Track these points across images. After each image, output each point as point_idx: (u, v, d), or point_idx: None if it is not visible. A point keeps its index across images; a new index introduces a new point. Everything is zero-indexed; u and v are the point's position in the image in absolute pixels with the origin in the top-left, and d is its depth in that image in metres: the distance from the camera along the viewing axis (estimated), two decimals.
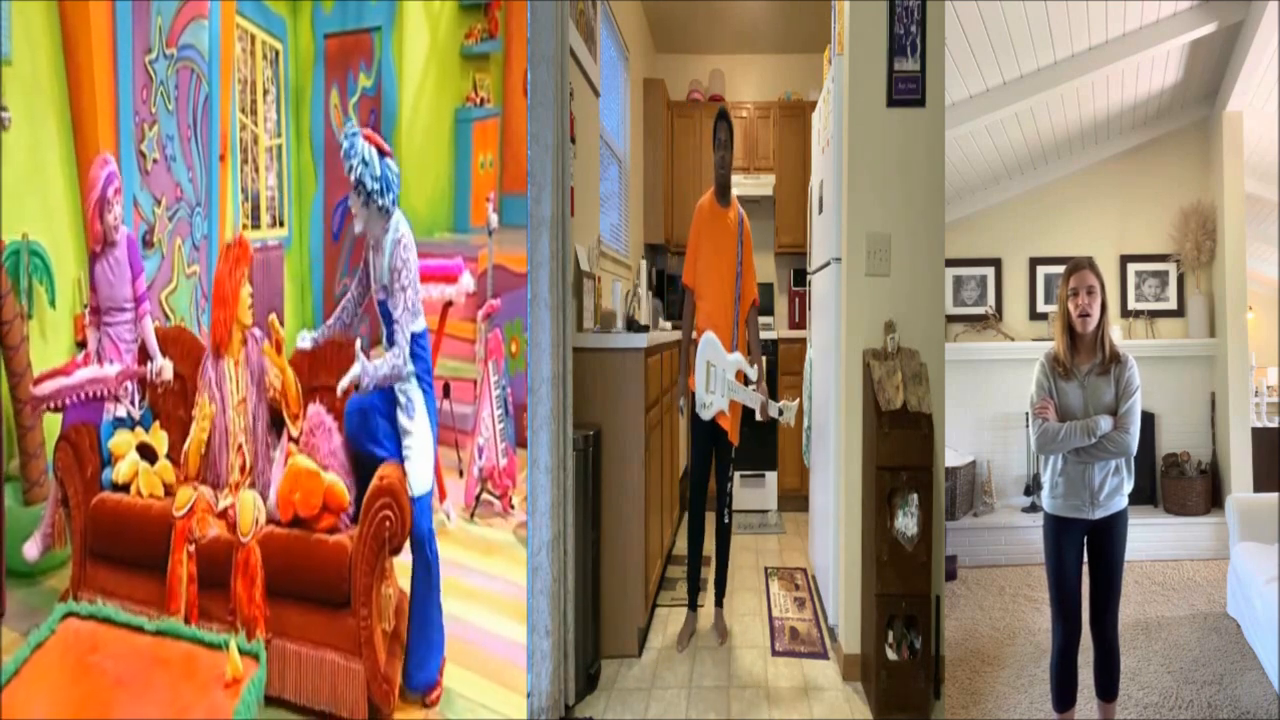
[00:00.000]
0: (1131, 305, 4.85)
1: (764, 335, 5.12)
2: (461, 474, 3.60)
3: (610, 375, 3.16)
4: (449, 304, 3.49)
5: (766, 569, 4.32)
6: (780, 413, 3.32)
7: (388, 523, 2.27)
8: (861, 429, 2.98)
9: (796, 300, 6.30)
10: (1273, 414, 5.36)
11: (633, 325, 4.36)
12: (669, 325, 5.54)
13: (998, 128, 4.37)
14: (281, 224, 4.40)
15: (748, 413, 3.40)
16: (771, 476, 5.56)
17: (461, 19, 4.84)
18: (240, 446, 2.51)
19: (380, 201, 2.36)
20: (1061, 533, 2.49)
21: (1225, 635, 3.40)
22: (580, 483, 2.85)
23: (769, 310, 6.38)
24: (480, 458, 3.45)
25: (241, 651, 2.08)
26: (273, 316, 2.66)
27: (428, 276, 3.43)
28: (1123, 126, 4.75)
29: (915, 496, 2.76)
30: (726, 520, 3.46)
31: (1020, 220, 4.91)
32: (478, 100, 4.77)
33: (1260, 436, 4.63)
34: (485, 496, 3.52)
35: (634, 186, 5.76)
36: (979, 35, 3.75)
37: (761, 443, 5.39)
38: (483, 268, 3.88)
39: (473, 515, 3.49)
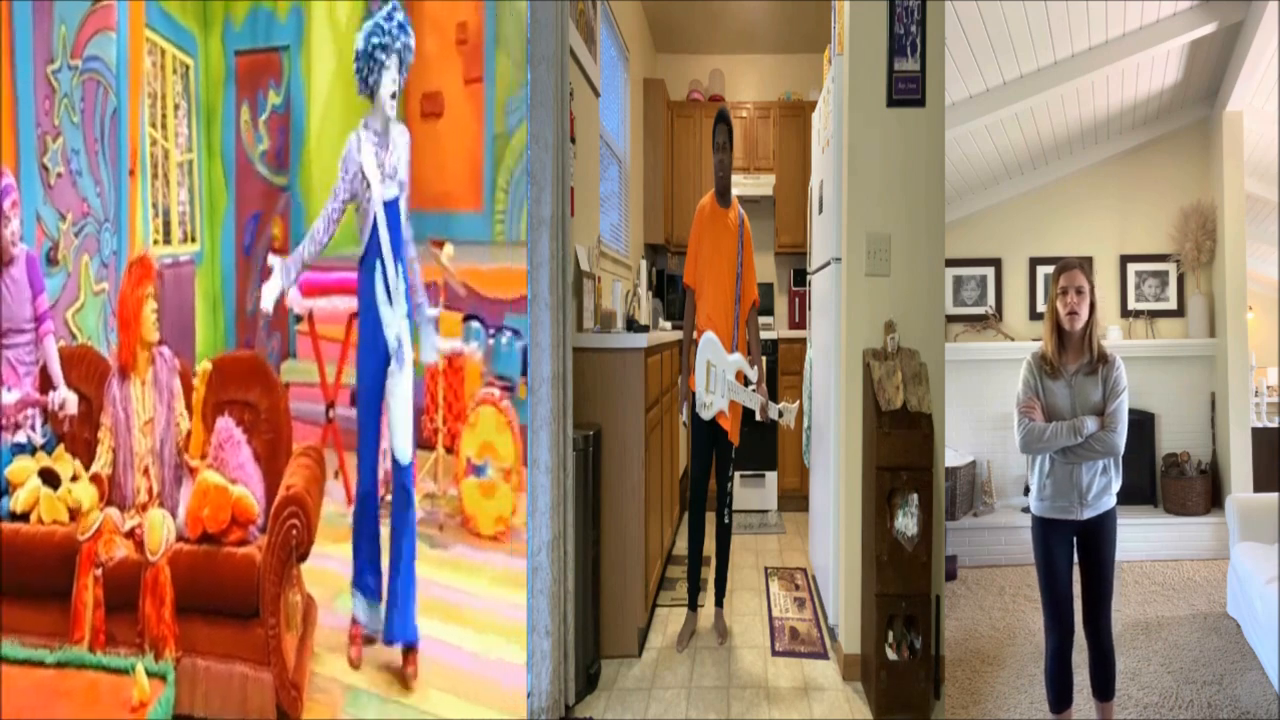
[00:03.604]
0: (1131, 305, 4.85)
1: (764, 335, 5.12)
2: None
3: (610, 375, 3.16)
4: (354, 315, 3.50)
5: (766, 569, 4.32)
6: (780, 414, 3.33)
7: (294, 530, 2.32)
8: (861, 429, 2.98)
9: (796, 300, 6.30)
10: (1273, 414, 5.37)
11: (633, 325, 4.36)
12: (669, 325, 5.54)
13: (998, 128, 4.37)
14: (193, 239, 4.40)
15: (748, 413, 3.40)
16: (771, 476, 5.56)
17: None
18: (147, 469, 2.50)
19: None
20: (1050, 534, 2.49)
21: (1225, 635, 3.40)
22: (580, 483, 2.85)
23: (769, 310, 6.38)
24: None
25: (149, 673, 2.07)
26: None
27: (337, 289, 3.56)
28: (1123, 126, 4.75)
29: (915, 496, 2.76)
30: (726, 520, 3.47)
31: (1020, 220, 4.91)
32: None
33: (1260, 436, 4.63)
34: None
35: (634, 186, 5.76)
36: (979, 35, 3.75)
37: (761, 443, 5.39)
38: None
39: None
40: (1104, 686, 2.52)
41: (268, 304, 2.53)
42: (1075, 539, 2.49)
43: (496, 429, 3.45)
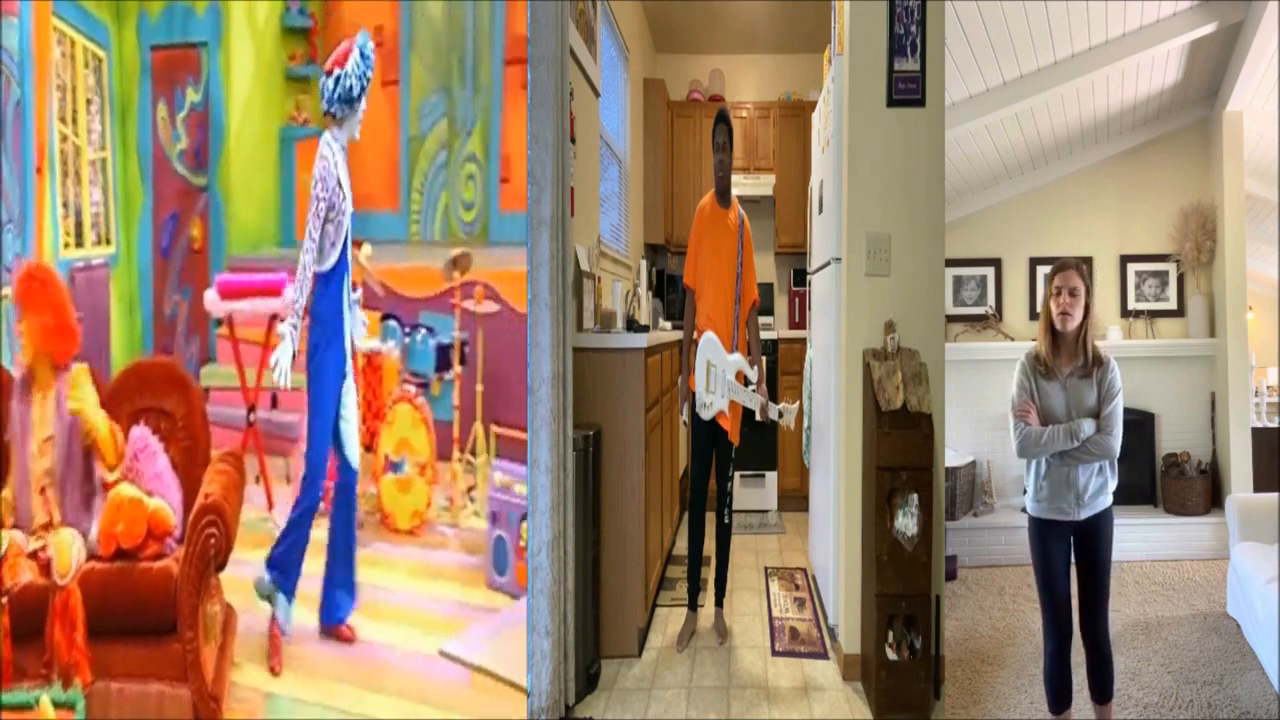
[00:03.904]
0: (1131, 305, 4.85)
1: (764, 335, 5.12)
2: (289, 480, 3.67)
3: (610, 375, 3.16)
4: (275, 316, 3.57)
5: (766, 569, 4.32)
6: (780, 415, 3.33)
7: (213, 540, 2.27)
8: (861, 429, 2.98)
9: (796, 300, 6.30)
10: (1273, 414, 5.37)
11: (633, 325, 4.36)
12: (669, 325, 5.54)
13: (998, 128, 4.37)
14: (108, 241, 4.28)
15: (748, 413, 3.40)
16: (771, 476, 5.56)
17: (285, 41, 4.94)
18: (44, 489, 2.35)
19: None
20: (1047, 535, 2.49)
21: (1225, 635, 3.40)
22: (580, 483, 2.85)
23: (769, 310, 6.38)
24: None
25: (56, 704, 2.00)
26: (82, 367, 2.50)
27: (255, 291, 3.57)
28: (1123, 126, 4.75)
29: (915, 496, 2.76)
30: (726, 520, 3.47)
31: (1020, 220, 4.91)
32: (301, 120, 4.90)
33: (1260, 436, 4.63)
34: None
35: (634, 186, 5.76)
36: (979, 35, 3.75)
37: (761, 443, 5.39)
38: None
39: None
40: (1102, 689, 2.52)
41: (283, 376, 2.56)
42: (1072, 539, 2.49)
43: (412, 425, 3.49)
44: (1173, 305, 4.82)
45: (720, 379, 3.28)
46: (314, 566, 2.78)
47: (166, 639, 2.24)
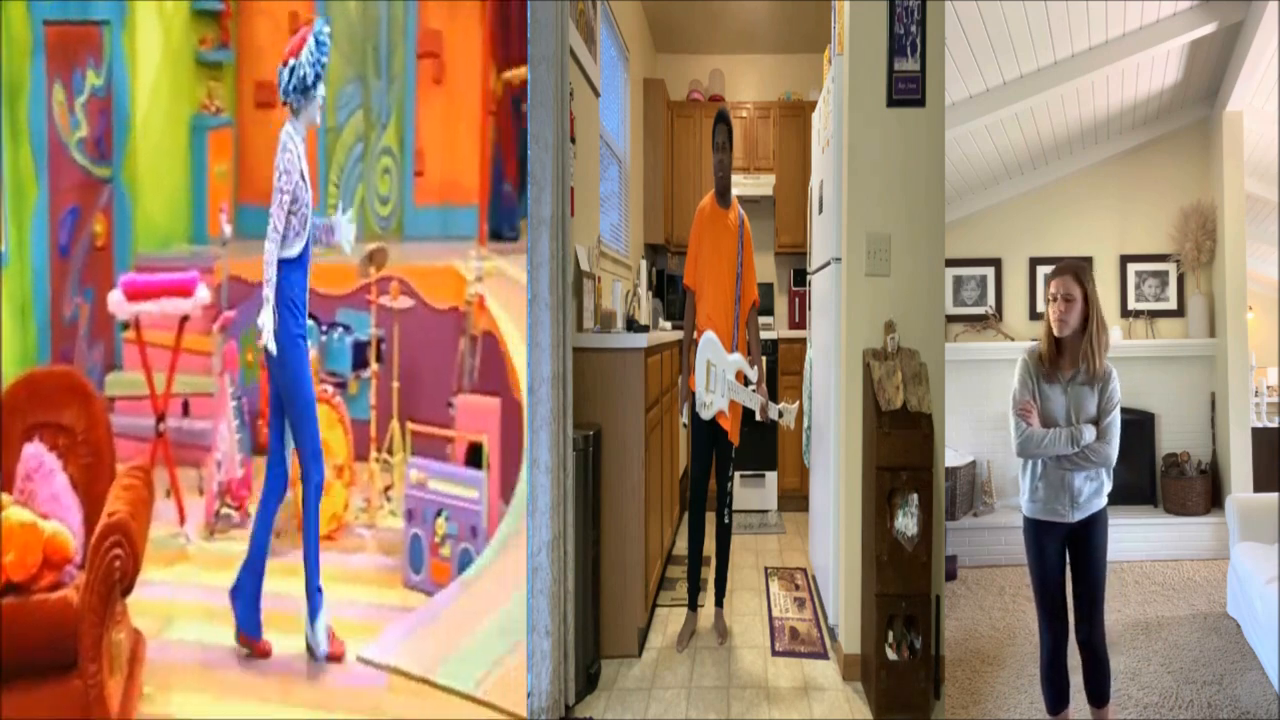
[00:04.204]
0: (1131, 305, 4.85)
1: (764, 335, 5.12)
2: (201, 492, 3.50)
3: (610, 375, 3.17)
4: (186, 318, 3.43)
5: (766, 569, 4.32)
6: (780, 415, 3.33)
7: (118, 562, 2.09)
8: (861, 429, 2.98)
9: (796, 300, 6.30)
10: (1273, 414, 5.37)
11: (633, 325, 4.36)
12: (669, 325, 5.54)
13: (998, 128, 4.37)
14: None
15: (748, 413, 3.40)
16: (771, 476, 5.56)
17: (195, 23, 4.69)
18: None
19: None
20: (1042, 536, 2.48)
21: (1225, 635, 3.40)
22: (580, 483, 2.85)
23: (769, 310, 6.38)
24: (219, 471, 3.37)
25: None
26: None
27: (165, 291, 3.39)
28: (1123, 126, 4.75)
29: (915, 496, 2.76)
30: (726, 520, 3.47)
31: (1020, 220, 4.91)
32: (213, 109, 4.67)
33: (1260, 436, 4.63)
34: (224, 511, 3.41)
35: (634, 186, 5.76)
36: (979, 35, 3.75)
37: (761, 443, 5.39)
38: (218, 279, 3.84)
39: (212, 532, 3.36)
40: (1099, 692, 2.52)
41: (270, 339, 2.54)
42: (1067, 541, 2.49)
43: (329, 426, 3.34)
44: (1173, 305, 4.82)
45: (720, 378, 3.29)
46: (226, 579, 2.69)
47: (66, 675, 2.04)
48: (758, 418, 3.37)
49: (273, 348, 2.55)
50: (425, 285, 3.89)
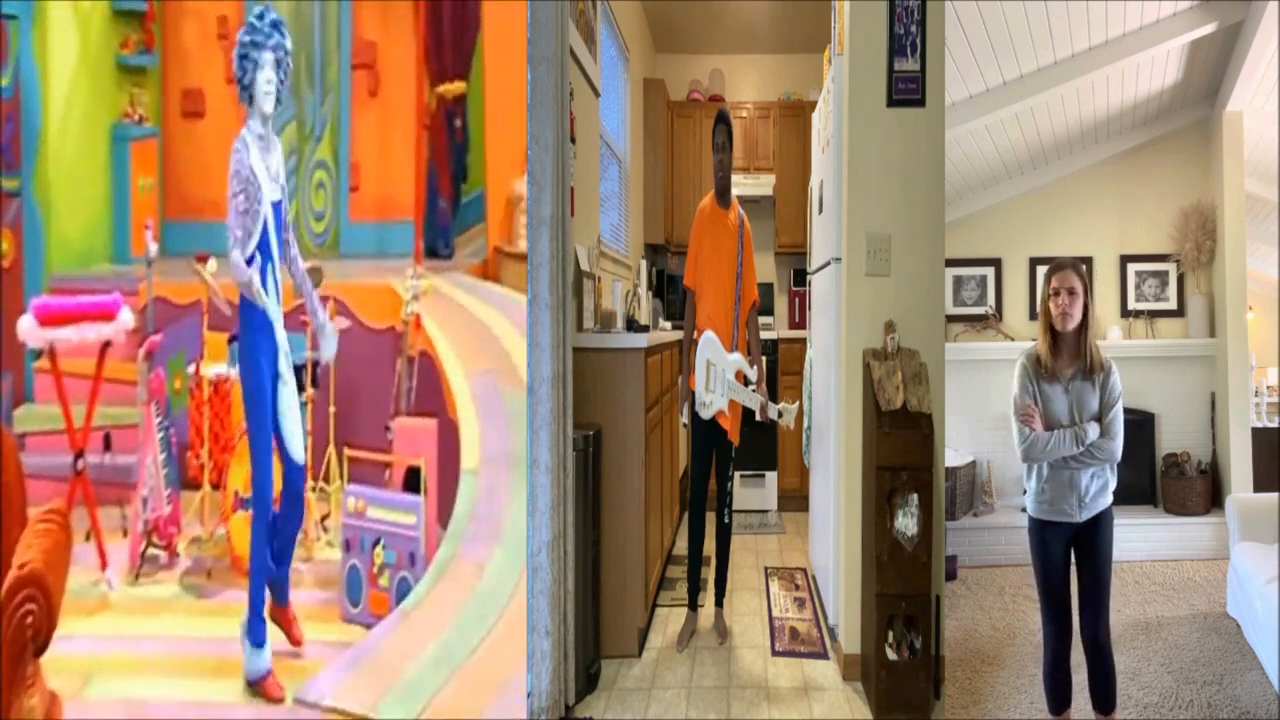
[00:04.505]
0: (1131, 305, 4.85)
1: (764, 335, 5.12)
2: (125, 533, 3.33)
3: (610, 375, 3.16)
4: (107, 344, 3.12)
5: (766, 569, 4.32)
6: (780, 415, 3.33)
7: (30, 619, 1.86)
8: (861, 429, 2.98)
9: (796, 300, 6.30)
10: (1273, 414, 5.37)
11: (633, 325, 4.36)
12: (669, 325, 5.54)
13: (998, 128, 4.37)
14: None
15: (748, 413, 3.40)
16: (771, 476, 5.56)
17: (115, 25, 4.34)
18: None
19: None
20: (1047, 536, 2.48)
21: (1225, 635, 3.40)
22: (580, 483, 2.85)
23: (769, 310, 6.38)
24: (145, 509, 3.16)
25: None
26: None
27: (84, 315, 3.09)
28: (1123, 126, 4.75)
29: (915, 496, 2.76)
30: (726, 520, 3.47)
31: (1020, 220, 4.92)
32: (135, 118, 4.32)
33: (1260, 436, 4.64)
34: (150, 551, 3.21)
35: (634, 186, 5.76)
36: (979, 35, 3.75)
37: (761, 443, 5.39)
38: (143, 301, 3.52)
39: (137, 576, 3.15)
40: (1105, 699, 2.50)
41: (259, 294, 2.48)
42: (1073, 540, 2.49)
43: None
44: (1173, 305, 4.82)
45: (720, 378, 3.29)
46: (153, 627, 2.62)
47: None
48: (758, 418, 3.37)
49: (261, 302, 2.48)
50: (362, 305, 3.76)
